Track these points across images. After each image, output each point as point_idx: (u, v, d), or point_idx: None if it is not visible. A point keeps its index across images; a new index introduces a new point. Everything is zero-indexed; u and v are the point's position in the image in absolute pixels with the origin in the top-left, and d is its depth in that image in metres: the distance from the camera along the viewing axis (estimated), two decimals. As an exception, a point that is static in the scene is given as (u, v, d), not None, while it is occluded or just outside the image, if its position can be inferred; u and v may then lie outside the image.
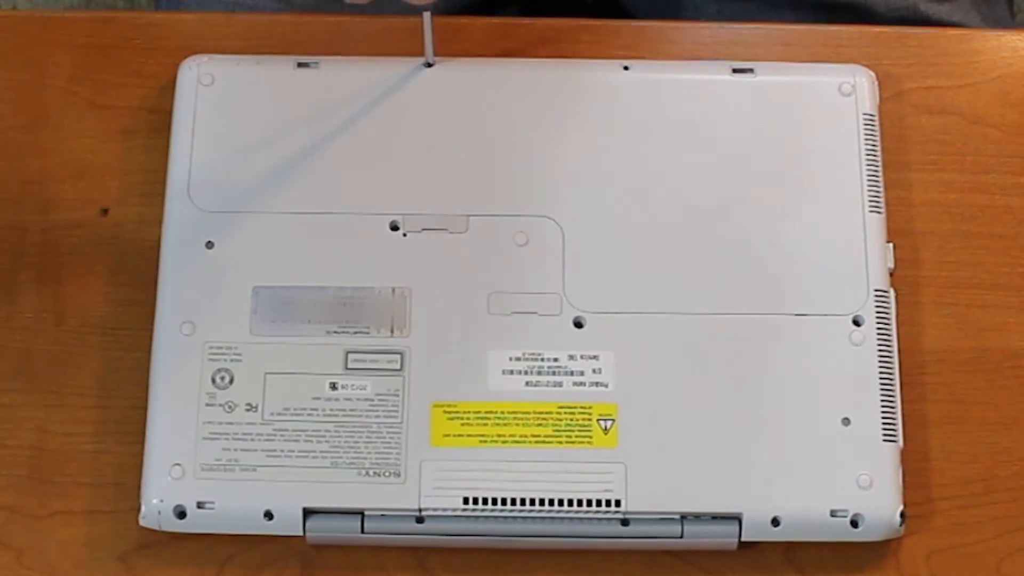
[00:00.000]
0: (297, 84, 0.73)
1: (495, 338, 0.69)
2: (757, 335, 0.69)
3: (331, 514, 0.68)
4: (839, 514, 0.67)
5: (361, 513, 0.68)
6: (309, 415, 0.68)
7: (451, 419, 0.68)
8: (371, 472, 0.68)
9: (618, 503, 0.67)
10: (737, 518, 0.67)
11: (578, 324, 0.70)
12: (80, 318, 0.73)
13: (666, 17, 0.79)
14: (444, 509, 0.67)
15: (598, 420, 0.68)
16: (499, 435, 0.68)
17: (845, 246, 0.71)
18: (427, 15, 0.70)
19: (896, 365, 0.69)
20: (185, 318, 0.70)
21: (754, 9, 0.84)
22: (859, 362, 0.69)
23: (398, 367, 0.69)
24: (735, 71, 0.74)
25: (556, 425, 0.68)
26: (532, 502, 0.67)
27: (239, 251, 0.71)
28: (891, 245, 0.71)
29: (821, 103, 0.73)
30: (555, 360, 0.69)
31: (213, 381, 0.69)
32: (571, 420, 0.68)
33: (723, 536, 0.68)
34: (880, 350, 0.69)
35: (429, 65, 0.73)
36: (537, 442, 0.68)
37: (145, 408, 0.69)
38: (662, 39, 0.77)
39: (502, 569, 0.69)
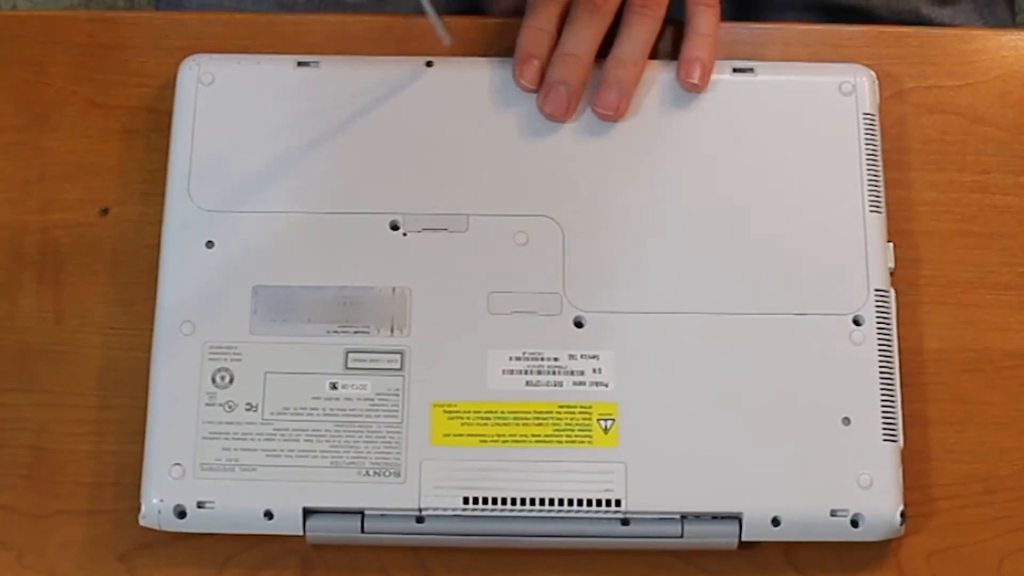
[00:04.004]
0: (297, 84, 0.73)
1: (495, 338, 0.69)
2: (757, 335, 0.69)
3: (331, 514, 0.68)
4: (839, 514, 0.67)
5: (361, 513, 0.68)
6: (309, 415, 0.68)
7: (451, 419, 0.68)
8: (371, 472, 0.68)
9: (618, 503, 0.67)
10: (737, 518, 0.67)
11: (578, 324, 0.70)
12: (80, 318, 0.73)
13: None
14: (444, 509, 0.67)
15: (598, 420, 0.68)
16: (499, 435, 0.68)
17: (845, 246, 0.71)
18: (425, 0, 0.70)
19: (896, 365, 0.69)
20: (185, 318, 0.70)
21: (759, 10, 0.84)
22: (859, 362, 0.69)
23: (398, 367, 0.69)
24: (735, 71, 0.74)
25: (556, 425, 0.68)
26: (532, 502, 0.67)
27: (239, 251, 0.71)
28: (891, 245, 0.71)
29: (821, 103, 0.73)
30: (555, 360, 0.69)
31: (213, 381, 0.69)
32: (571, 420, 0.68)
33: (723, 536, 0.68)
34: (880, 350, 0.69)
35: (429, 64, 0.73)
36: (537, 442, 0.68)
37: (145, 408, 0.69)
38: (662, 39, 0.77)
39: (502, 569, 0.69)
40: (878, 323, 0.69)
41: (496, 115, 0.73)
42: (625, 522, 0.67)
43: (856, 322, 0.70)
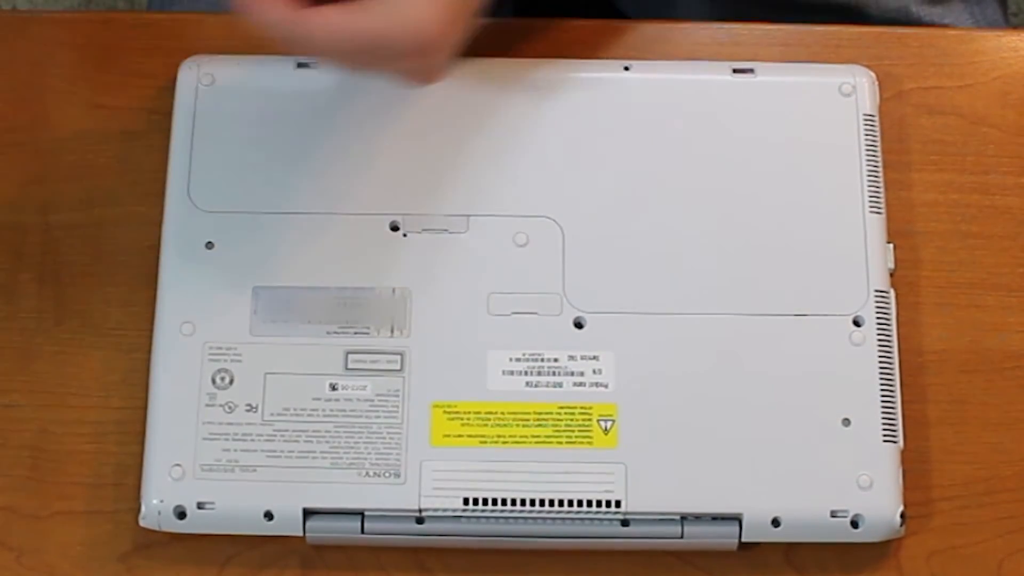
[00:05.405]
0: (297, 84, 0.73)
1: (495, 338, 0.69)
2: (757, 335, 0.69)
3: (331, 514, 0.68)
4: (839, 515, 0.67)
5: (361, 513, 0.68)
6: (309, 415, 0.68)
7: (451, 419, 0.68)
8: (371, 472, 0.68)
9: (618, 504, 0.67)
10: (737, 518, 0.67)
11: (578, 324, 0.70)
12: (80, 318, 0.73)
13: (658, 16, 0.79)
14: (444, 509, 0.67)
15: (598, 420, 0.68)
16: (499, 435, 0.68)
17: (845, 246, 0.71)
18: None
19: (896, 365, 0.69)
20: (185, 318, 0.70)
21: (745, 10, 0.84)
22: (859, 362, 0.69)
23: (398, 367, 0.69)
24: (735, 71, 0.74)
25: (556, 425, 0.68)
26: (532, 503, 0.67)
27: (239, 251, 0.71)
28: (891, 245, 0.71)
29: (821, 103, 0.73)
30: (555, 360, 0.69)
31: (213, 381, 0.69)
32: (571, 420, 0.68)
33: (723, 537, 0.68)
34: (880, 350, 0.69)
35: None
36: (537, 442, 0.68)
37: (145, 408, 0.69)
38: (662, 39, 0.77)
39: (502, 569, 0.69)
40: (878, 324, 0.69)
41: (495, 115, 0.73)
42: (625, 523, 0.68)
43: (856, 323, 0.70)
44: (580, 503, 0.67)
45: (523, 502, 0.67)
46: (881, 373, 0.69)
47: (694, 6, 0.85)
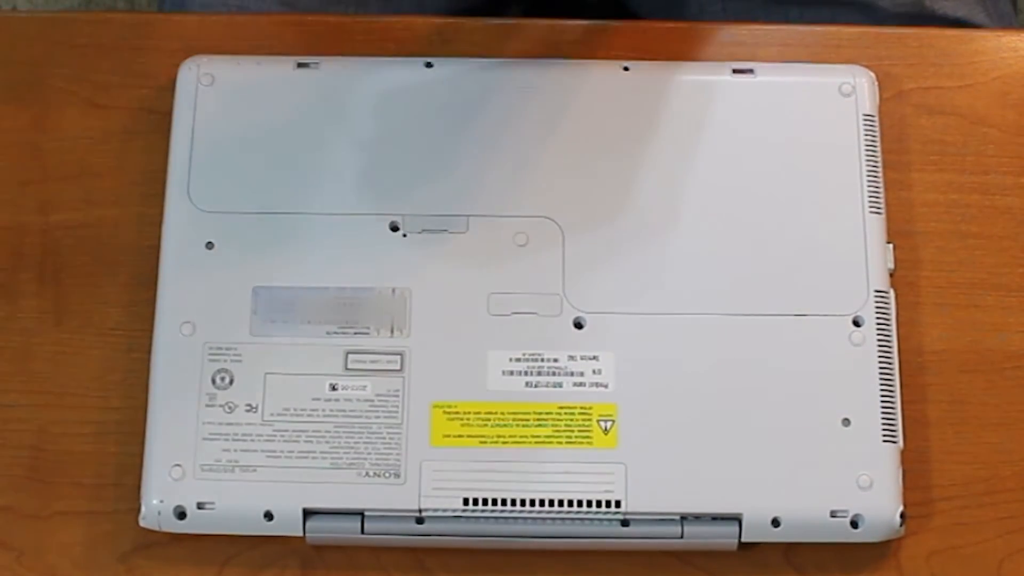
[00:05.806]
0: (297, 84, 0.73)
1: (495, 338, 0.69)
2: (757, 335, 0.69)
3: (331, 515, 0.68)
4: (839, 515, 0.67)
5: (361, 514, 0.68)
6: (309, 416, 0.68)
7: (451, 419, 0.68)
8: (371, 472, 0.68)
9: (618, 504, 0.67)
10: (737, 519, 0.67)
11: (578, 325, 0.70)
12: (80, 318, 0.73)
13: (671, 16, 0.79)
14: (444, 510, 0.67)
15: (598, 421, 0.68)
16: (499, 436, 0.68)
17: (845, 246, 0.71)
18: None
19: (896, 365, 0.69)
20: (185, 318, 0.70)
21: (759, 7, 0.84)
22: (859, 362, 0.69)
23: (398, 367, 0.69)
24: (735, 71, 0.74)
25: (556, 426, 0.68)
26: (532, 503, 0.67)
27: (239, 251, 0.71)
28: (891, 246, 0.71)
29: (821, 103, 0.73)
30: (555, 361, 0.69)
31: (213, 381, 0.69)
32: (571, 421, 0.68)
33: (723, 537, 0.68)
34: (880, 350, 0.69)
35: (429, 65, 0.73)
36: (537, 443, 0.68)
37: (145, 408, 0.69)
38: (662, 39, 0.77)
39: (502, 569, 0.69)
40: (878, 324, 0.69)
41: (496, 115, 0.73)
42: (625, 523, 0.68)
43: (856, 323, 0.70)
44: (580, 503, 0.67)
45: (523, 502, 0.67)
46: (881, 373, 0.69)
47: (707, 5, 0.85)
